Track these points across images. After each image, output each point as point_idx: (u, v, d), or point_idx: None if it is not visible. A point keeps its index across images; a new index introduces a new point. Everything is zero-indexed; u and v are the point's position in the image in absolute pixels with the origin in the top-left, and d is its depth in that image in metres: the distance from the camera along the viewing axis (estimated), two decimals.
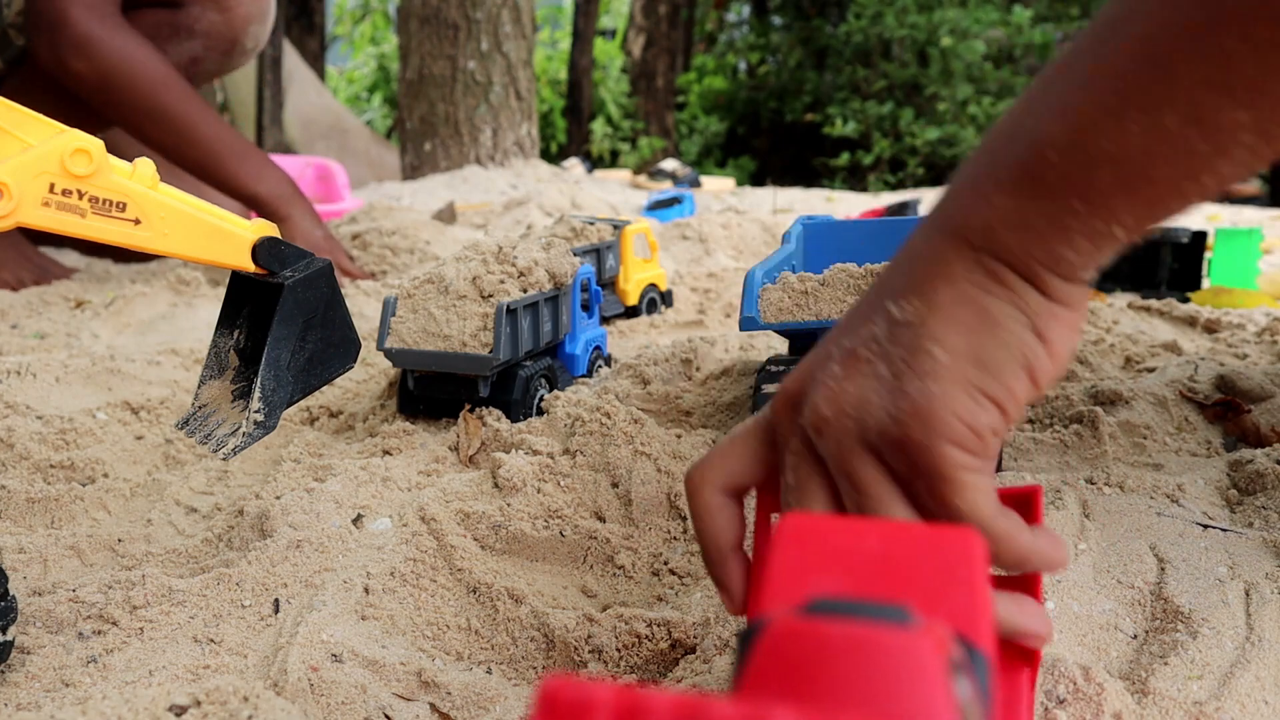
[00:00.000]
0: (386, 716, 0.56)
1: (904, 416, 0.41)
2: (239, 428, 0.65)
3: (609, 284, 1.45)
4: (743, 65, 9.10)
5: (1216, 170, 0.40)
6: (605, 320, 1.46)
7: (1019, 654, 0.43)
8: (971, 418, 0.41)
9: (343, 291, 0.70)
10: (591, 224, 1.36)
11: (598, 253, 1.37)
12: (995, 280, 0.42)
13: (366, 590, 0.67)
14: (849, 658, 0.26)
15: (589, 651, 0.64)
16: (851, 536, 0.35)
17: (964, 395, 0.41)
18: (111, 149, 0.58)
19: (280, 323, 0.65)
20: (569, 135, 7.76)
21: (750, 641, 0.29)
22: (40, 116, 0.55)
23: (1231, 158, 0.39)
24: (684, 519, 0.79)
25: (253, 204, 1.49)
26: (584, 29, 7.42)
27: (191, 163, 1.49)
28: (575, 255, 1.27)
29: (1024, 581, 0.45)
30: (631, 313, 1.50)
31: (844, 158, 6.58)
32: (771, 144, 8.23)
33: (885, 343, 0.43)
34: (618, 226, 1.44)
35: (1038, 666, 0.45)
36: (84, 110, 1.57)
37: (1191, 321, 1.55)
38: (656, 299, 1.55)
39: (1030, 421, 0.95)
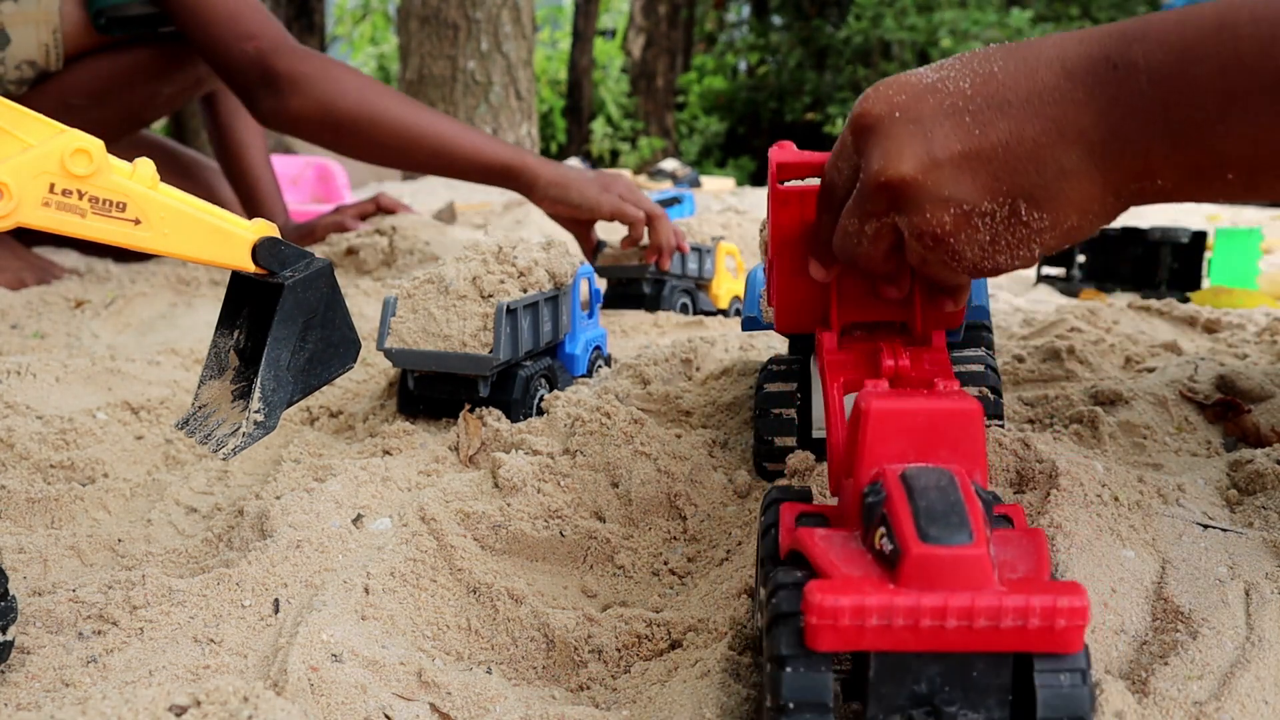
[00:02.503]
0: (386, 716, 0.56)
1: (985, 272, 0.55)
2: (239, 428, 0.65)
3: (705, 285, 1.69)
4: (743, 65, 9.10)
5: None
6: (705, 315, 1.64)
7: None
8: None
9: (343, 291, 0.70)
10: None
11: (700, 253, 1.64)
12: (1106, 216, 0.53)
13: (366, 590, 0.67)
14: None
15: (589, 651, 0.64)
16: (909, 417, 0.49)
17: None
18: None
19: (280, 323, 0.65)
20: (569, 135, 7.76)
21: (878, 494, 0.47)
22: (40, 116, 0.55)
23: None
24: (683, 519, 0.79)
25: (501, 175, 1.50)
26: (584, 29, 7.42)
27: (428, 165, 1.52)
28: (692, 249, 1.60)
29: None
30: (722, 313, 1.70)
31: None
32: (771, 144, 8.24)
33: (999, 224, 0.53)
34: (715, 239, 1.69)
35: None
36: None
37: (1191, 321, 1.55)
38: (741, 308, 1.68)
39: (1030, 421, 0.95)
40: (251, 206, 2.07)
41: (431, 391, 0.97)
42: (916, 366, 0.60)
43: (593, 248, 1.61)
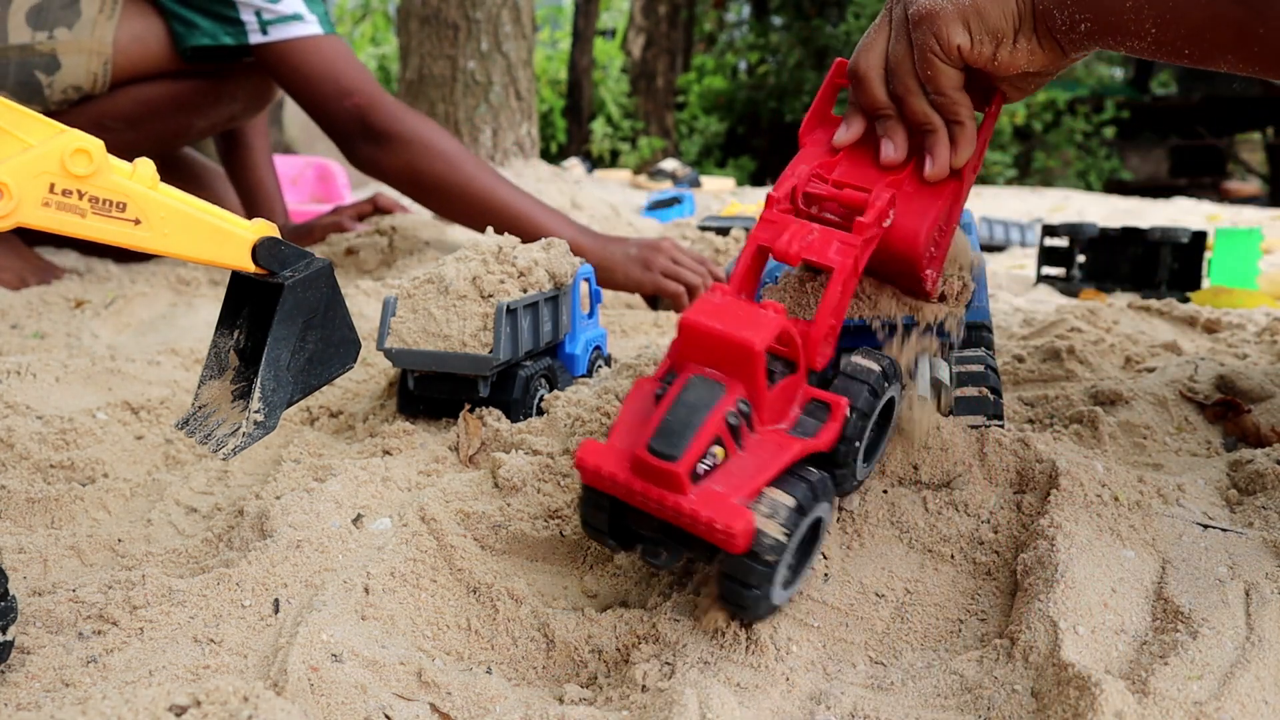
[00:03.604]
0: (386, 716, 0.56)
1: (925, 10, 0.71)
2: (239, 428, 0.65)
3: None
4: (742, 65, 9.10)
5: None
6: None
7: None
8: (954, 34, 0.70)
9: (343, 292, 0.70)
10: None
11: None
12: (1019, 2, 0.70)
13: (366, 590, 0.67)
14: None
15: (589, 651, 0.64)
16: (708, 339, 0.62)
17: (959, 22, 0.70)
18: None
19: (280, 323, 0.65)
20: (569, 135, 7.76)
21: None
22: (40, 116, 0.55)
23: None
24: None
25: None
26: (584, 29, 7.42)
27: (495, 227, 1.69)
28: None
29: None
30: None
31: None
32: (771, 144, 8.23)
33: None
34: None
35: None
36: None
37: (1191, 321, 1.55)
38: None
39: (1030, 421, 0.95)
40: (252, 207, 2.08)
41: (431, 391, 0.97)
42: (814, 251, 0.68)
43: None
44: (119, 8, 1.67)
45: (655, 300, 1.73)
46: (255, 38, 1.65)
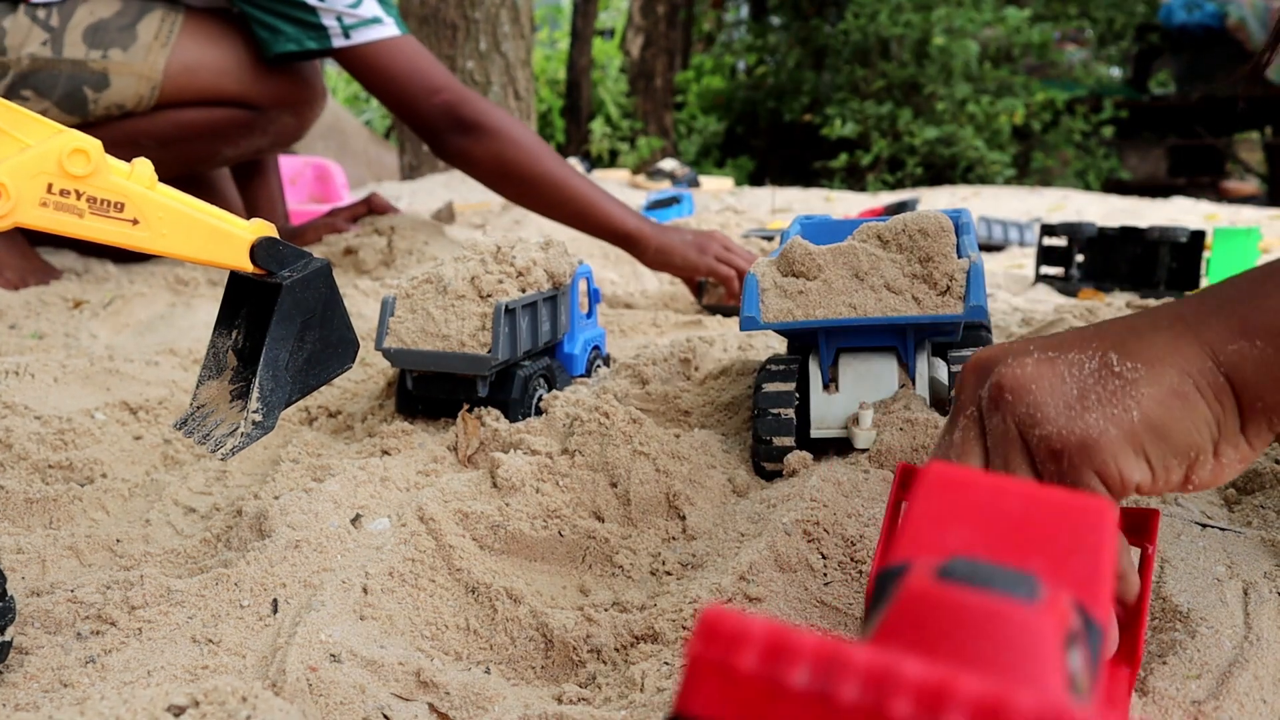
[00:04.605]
0: (385, 716, 0.56)
1: (1072, 437, 0.47)
2: (237, 428, 0.65)
3: None
4: (741, 65, 9.11)
5: None
6: None
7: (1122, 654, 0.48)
8: (1127, 468, 0.47)
9: (341, 292, 0.70)
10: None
11: None
12: (1215, 394, 0.48)
13: (365, 590, 0.67)
14: (975, 625, 0.29)
15: (588, 651, 0.64)
16: (990, 493, 0.37)
17: (1130, 449, 0.47)
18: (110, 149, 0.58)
19: (278, 323, 0.65)
20: (568, 135, 7.77)
21: (887, 593, 0.32)
22: (38, 117, 0.55)
23: None
24: (682, 519, 0.79)
25: (622, 239, 1.76)
26: (583, 29, 7.43)
27: (569, 219, 1.78)
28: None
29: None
30: None
31: (842, 158, 6.59)
32: (770, 144, 8.23)
33: (1088, 376, 0.48)
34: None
35: (1138, 666, 0.49)
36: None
37: None
38: None
39: None
40: (255, 207, 2.10)
41: (430, 391, 0.97)
42: None
43: (696, 287, 1.81)
44: (175, 35, 1.71)
45: (701, 290, 1.79)
46: (338, 41, 1.70)
